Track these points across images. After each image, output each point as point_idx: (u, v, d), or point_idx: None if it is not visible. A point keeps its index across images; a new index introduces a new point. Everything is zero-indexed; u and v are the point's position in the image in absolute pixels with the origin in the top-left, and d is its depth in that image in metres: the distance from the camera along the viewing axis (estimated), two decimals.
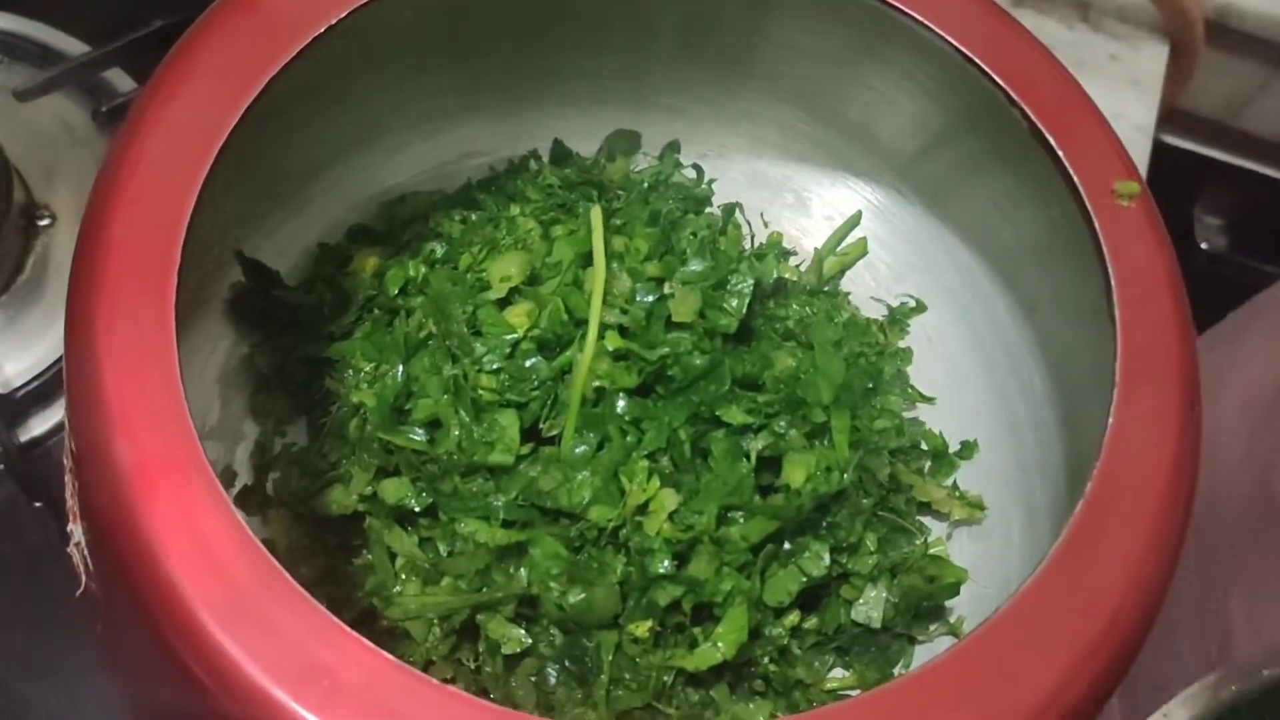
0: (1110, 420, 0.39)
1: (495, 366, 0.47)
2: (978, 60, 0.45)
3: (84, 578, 0.41)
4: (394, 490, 0.47)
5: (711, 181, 0.60)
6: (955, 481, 0.55)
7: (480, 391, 0.47)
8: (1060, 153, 0.44)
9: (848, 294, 0.60)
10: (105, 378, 0.36)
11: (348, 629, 0.34)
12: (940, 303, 0.58)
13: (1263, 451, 0.65)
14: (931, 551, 0.53)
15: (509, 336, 0.48)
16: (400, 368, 0.48)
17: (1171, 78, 0.88)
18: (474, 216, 0.54)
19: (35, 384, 0.60)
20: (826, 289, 0.59)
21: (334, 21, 0.42)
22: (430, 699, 0.33)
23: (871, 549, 0.51)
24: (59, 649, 0.56)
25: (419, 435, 0.47)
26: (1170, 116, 0.96)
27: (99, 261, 0.38)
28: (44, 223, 0.64)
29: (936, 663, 0.36)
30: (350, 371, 0.49)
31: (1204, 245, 0.99)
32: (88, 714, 0.55)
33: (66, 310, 0.38)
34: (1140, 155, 0.83)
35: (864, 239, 0.59)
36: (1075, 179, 0.43)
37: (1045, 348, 0.53)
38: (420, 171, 0.57)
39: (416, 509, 0.47)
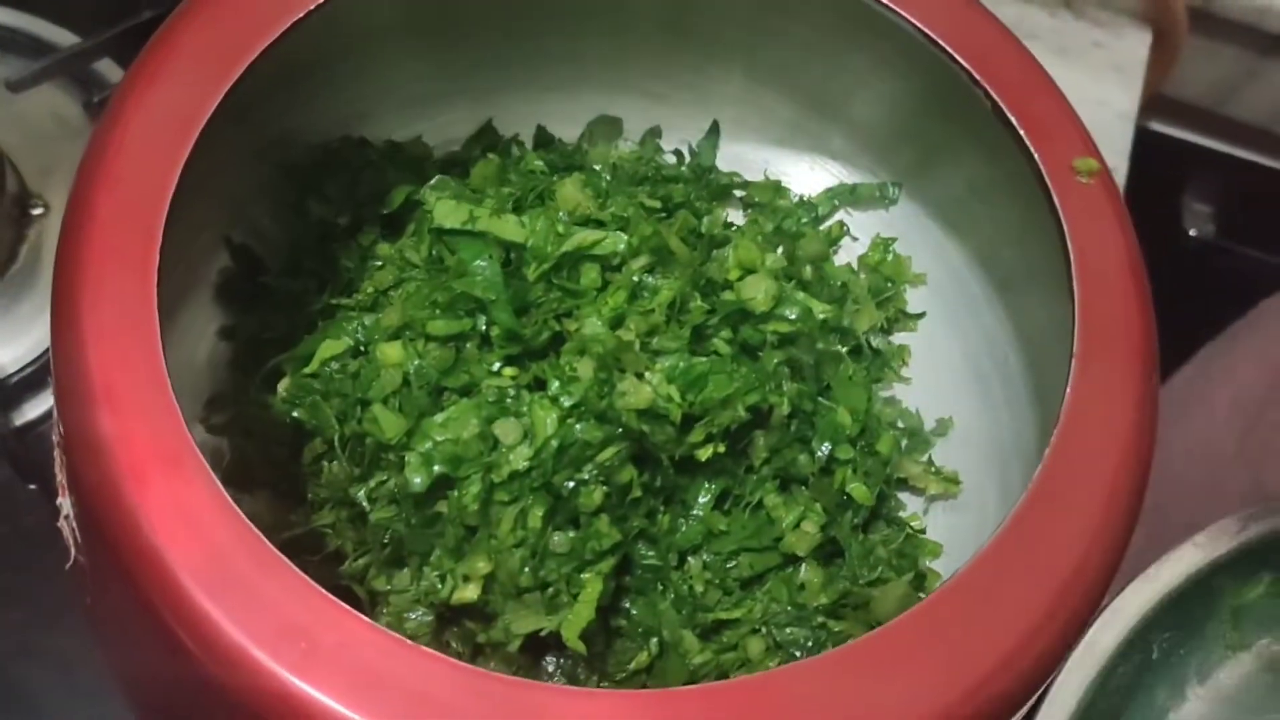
0: (1069, 389, 0.41)
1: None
2: (942, 42, 0.46)
3: (73, 551, 0.42)
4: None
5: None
6: (930, 458, 0.56)
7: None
8: (1021, 131, 0.45)
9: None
10: (89, 352, 0.37)
11: (325, 593, 0.35)
12: (916, 283, 0.59)
13: (1252, 450, 0.67)
14: (909, 527, 0.54)
15: None
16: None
17: (1154, 64, 0.89)
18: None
19: (29, 370, 0.61)
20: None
21: (312, 7, 0.43)
22: (404, 659, 0.34)
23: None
24: (54, 630, 0.57)
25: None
26: (1158, 104, 0.97)
27: (84, 241, 0.39)
28: (37, 212, 0.65)
29: (897, 622, 0.37)
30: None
31: (1192, 232, 1.00)
32: (82, 693, 0.56)
33: (53, 288, 0.39)
34: (1123, 141, 0.84)
35: (841, 221, 0.60)
36: (1036, 156, 0.44)
37: (1019, 325, 0.54)
38: None
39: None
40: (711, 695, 0.35)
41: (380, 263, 0.51)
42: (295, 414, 0.47)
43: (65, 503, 0.41)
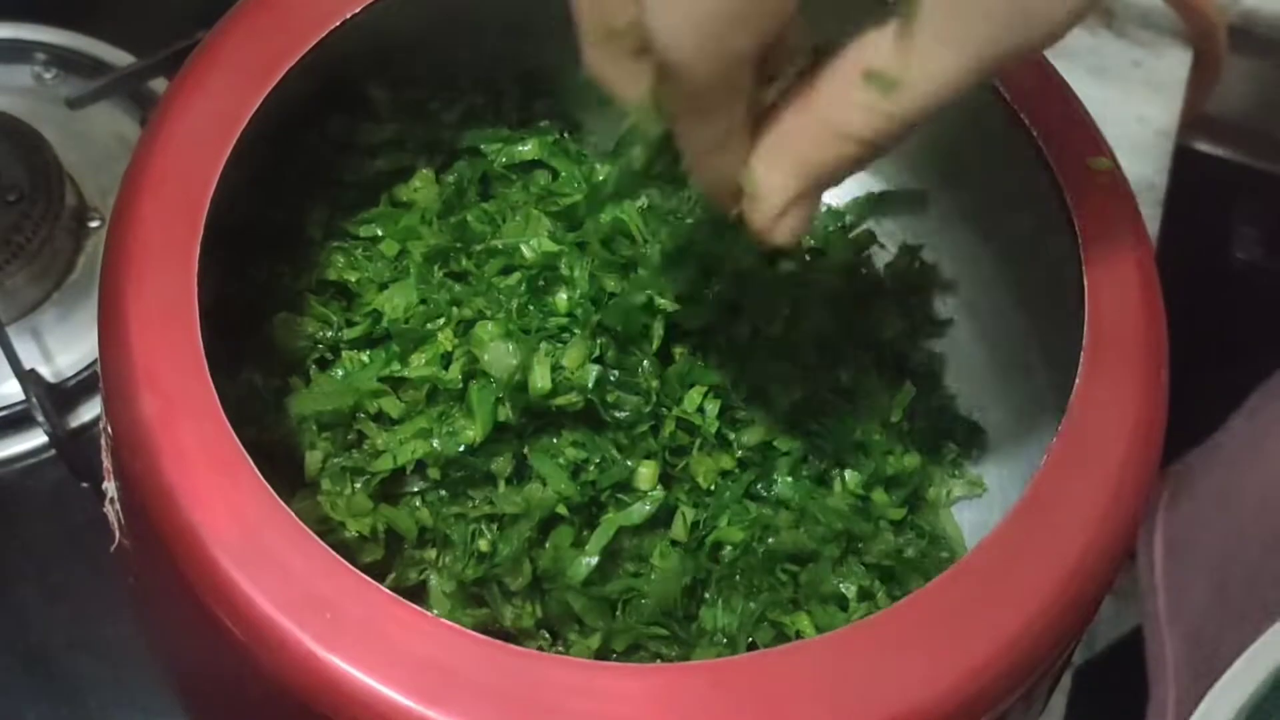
0: (1077, 380, 0.41)
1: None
2: None
3: (117, 534, 0.44)
4: None
5: None
6: (955, 460, 0.57)
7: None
8: (1034, 132, 0.46)
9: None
10: (133, 340, 0.39)
11: (350, 566, 0.36)
12: (944, 291, 0.60)
13: None
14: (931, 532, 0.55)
15: None
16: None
17: (1195, 83, 0.90)
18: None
19: (85, 374, 0.64)
20: None
21: (348, 16, 0.45)
22: (423, 630, 0.36)
23: None
24: (103, 624, 0.59)
25: None
26: (1203, 124, 0.97)
27: (129, 237, 0.41)
28: (94, 224, 0.68)
29: (901, 604, 0.38)
30: None
31: (1241, 254, 1.00)
32: (129, 686, 0.58)
33: (100, 282, 0.41)
34: (1162, 158, 0.84)
35: (870, 230, 0.61)
36: (1049, 157, 0.45)
37: (1043, 332, 0.55)
38: None
39: None
40: (720, 670, 0.37)
41: None
42: None
43: (110, 487, 0.43)
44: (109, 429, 0.41)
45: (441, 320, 0.50)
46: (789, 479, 0.51)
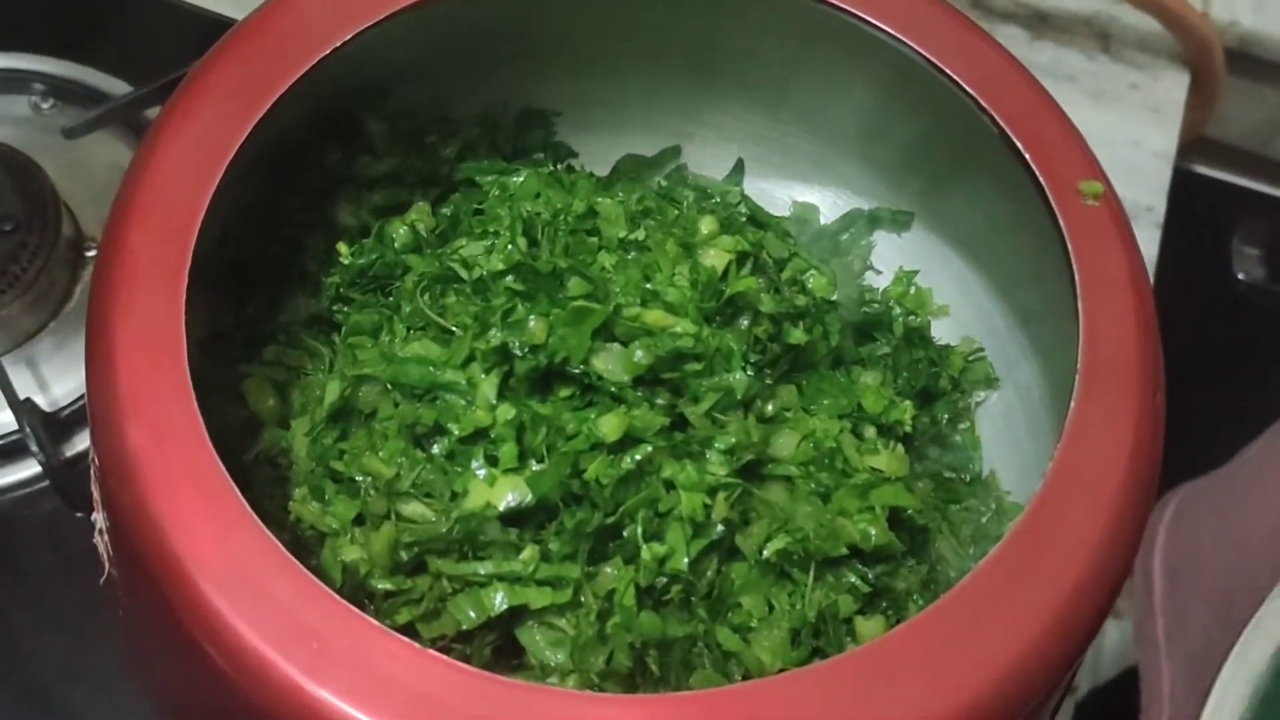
0: (1073, 403, 0.41)
1: None
2: (949, 71, 0.47)
3: (107, 565, 0.43)
4: None
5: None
6: None
7: None
8: (1027, 155, 0.46)
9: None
10: (119, 367, 0.39)
11: (337, 597, 0.36)
12: (939, 315, 0.60)
13: None
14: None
15: None
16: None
17: (1193, 106, 0.90)
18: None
19: (80, 404, 0.63)
20: None
21: (337, 45, 0.45)
22: (412, 661, 0.35)
23: None
24: (97, 653, 0.59)
25: None
26: (1205, 147, 0.97)
27: (117, 263, 0.41)
28: (91, 254, 0.68)
29: (889, 636, 0.37)
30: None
31: (1241, 276, 0.99)
32: (125, 713, 0.58)
33: (88, 310, 0.41)
34: (1160, 181, 0.84)
35: (865, 254, 0.61)
36: (1041, 179, 0.45)
37: (1041, 354, 0.55)
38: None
39: None
40: (714, 700, 0.36)
41: None
42: None
43: (99, 518, 0.43)
44: (97, 459, 0.41)
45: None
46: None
